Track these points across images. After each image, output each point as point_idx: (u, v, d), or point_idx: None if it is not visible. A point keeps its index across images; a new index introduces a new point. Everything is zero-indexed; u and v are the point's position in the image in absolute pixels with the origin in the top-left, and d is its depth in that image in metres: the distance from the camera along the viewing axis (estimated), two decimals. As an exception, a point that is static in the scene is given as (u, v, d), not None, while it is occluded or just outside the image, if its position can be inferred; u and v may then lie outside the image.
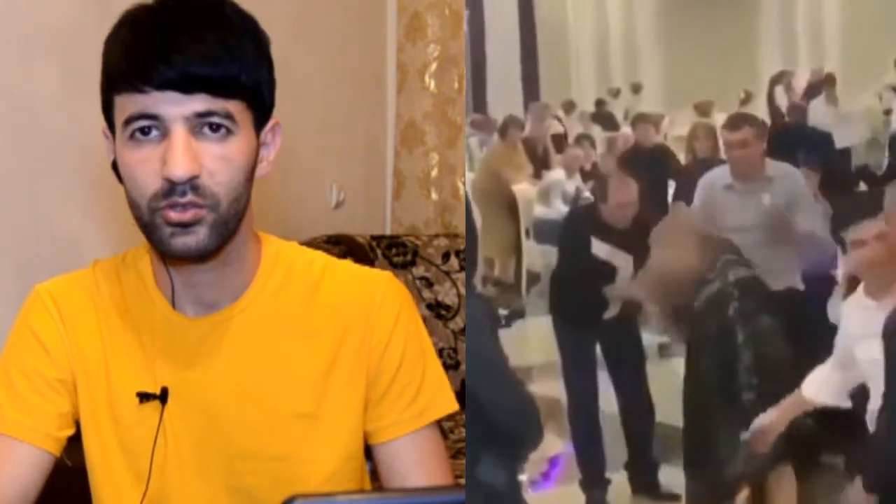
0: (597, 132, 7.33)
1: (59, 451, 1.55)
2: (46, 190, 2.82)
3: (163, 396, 1.53)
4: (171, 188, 1.38)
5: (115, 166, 1.47)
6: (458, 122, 4.01)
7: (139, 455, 1.54)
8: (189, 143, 1.38)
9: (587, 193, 5.21)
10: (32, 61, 2.76)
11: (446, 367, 1.65)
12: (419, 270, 3.72)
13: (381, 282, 1.61)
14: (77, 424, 1.58)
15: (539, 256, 5.49)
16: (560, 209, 5.46)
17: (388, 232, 4.19)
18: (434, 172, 4.14)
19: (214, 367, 1.53)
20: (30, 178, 2.77)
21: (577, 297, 3.35)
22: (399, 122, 4.19)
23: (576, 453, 3.42)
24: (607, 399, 3.41)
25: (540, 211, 5.74)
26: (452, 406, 1.62)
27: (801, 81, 7.71)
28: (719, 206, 3.24)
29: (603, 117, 8.08)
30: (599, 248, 3.29)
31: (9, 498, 1.51)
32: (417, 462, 1.59)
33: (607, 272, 3.28)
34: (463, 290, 3.69)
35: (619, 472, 3.42)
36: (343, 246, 3.61)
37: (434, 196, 4.14)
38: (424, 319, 1.69)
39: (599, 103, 8.54)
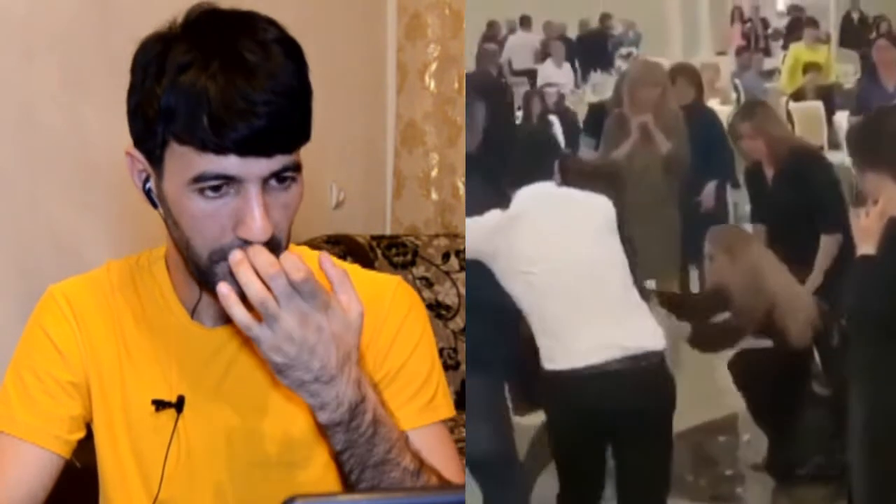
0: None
1: (68, 453, 1.55)
2: (46, 190, 2.81)
3: (178, 405, 1.52)
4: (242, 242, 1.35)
5: (147, 192, 1.43)
6: (458, 122, 4.00)
7: (152, 462, 1.53)
8: (264, 203, 1.35)
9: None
10: (32, 61, 2.75)
11: (446, 367, 1.65)
12: (419, 270, 3.72)
13: (390, 285, 1.61)
14: (88, 427, 1.56)
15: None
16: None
17: (388, 232, 4.18)
18: (434, 172, 4.13)
19: (230, 377, 1.53)
20: (30, 178, 2.77)
21: None
22: (399, 122, 4.18)
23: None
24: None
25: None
26: (450, 412, 1.61)
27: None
28: None
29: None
30: None
31: (16, 499, 1.50)
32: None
33: None
34: (463, 290, 3.68)
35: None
36: (343, 246, 3.60)
37: (434, 196, 4.13)
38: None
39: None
